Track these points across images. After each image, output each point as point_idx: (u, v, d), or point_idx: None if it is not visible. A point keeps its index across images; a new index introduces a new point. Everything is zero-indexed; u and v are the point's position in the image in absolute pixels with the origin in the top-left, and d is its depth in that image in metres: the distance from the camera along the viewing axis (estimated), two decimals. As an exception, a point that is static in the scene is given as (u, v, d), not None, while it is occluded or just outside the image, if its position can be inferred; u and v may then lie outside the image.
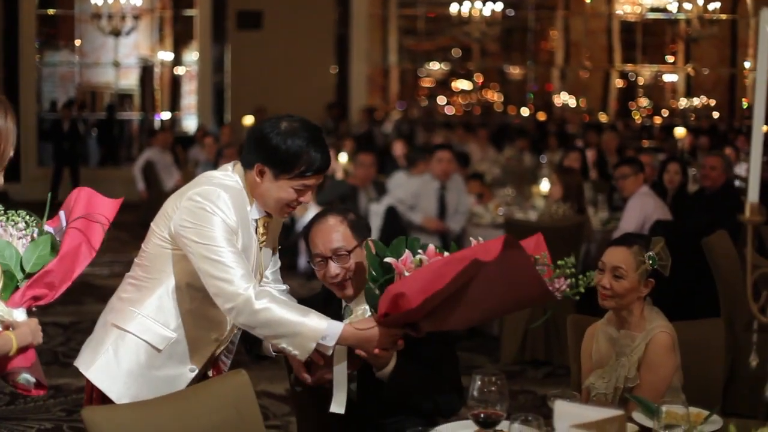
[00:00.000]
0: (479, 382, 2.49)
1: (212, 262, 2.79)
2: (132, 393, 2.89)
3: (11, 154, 2.76)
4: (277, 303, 2.79)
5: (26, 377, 2.59)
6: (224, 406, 2.64)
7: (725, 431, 2.58)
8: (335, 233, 3.05)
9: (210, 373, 3.13)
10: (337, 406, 2.92)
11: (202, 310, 2.96)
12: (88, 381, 3.01)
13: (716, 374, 3.47)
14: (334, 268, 3.03)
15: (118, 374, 2.93)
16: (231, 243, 2.83)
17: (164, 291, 2.95)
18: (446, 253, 2.81)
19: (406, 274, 2.77)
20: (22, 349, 2.56)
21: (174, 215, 2.90)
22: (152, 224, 3.01)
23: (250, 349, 3.14)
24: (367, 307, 2.96)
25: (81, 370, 2.99)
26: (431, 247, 2.86)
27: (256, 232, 3.00)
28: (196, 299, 2.94)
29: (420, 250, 2.83)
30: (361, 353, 2.84)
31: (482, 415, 2.48)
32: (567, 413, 2.11)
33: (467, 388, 2.51)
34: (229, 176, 2.97)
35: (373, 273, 2.89)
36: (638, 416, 2.75)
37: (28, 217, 2.77)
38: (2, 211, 2.77)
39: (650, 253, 3.16)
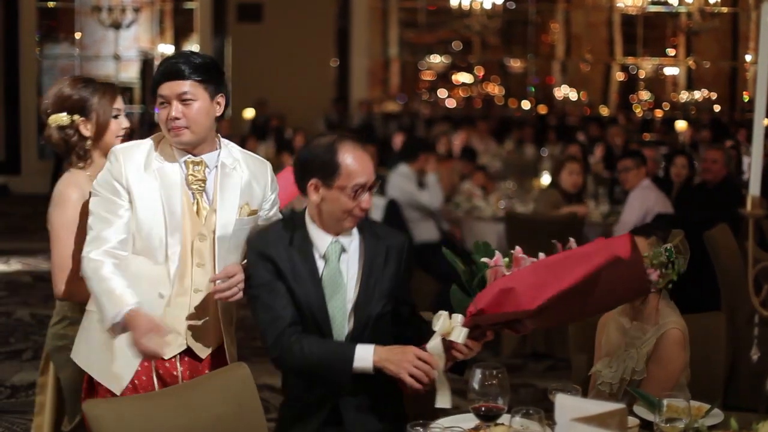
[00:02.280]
0: (480, 376, 2.49)
1: None
2: (105, 366, 2.96)
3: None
4: (112, 263, 2.84)
5: None
6: (226, 399, 2.64)
7: (726, 425, 2.58)
8: None
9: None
10: (443, 401, 2.85)
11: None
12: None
13: (717, 368, 3.47)
14: (369, 199, 2.94)
15: (91, 349, 3.00)
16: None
17: None
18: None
19: (505, 272, 2.70)
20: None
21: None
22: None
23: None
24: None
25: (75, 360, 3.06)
26: (518, 248, 2.77)
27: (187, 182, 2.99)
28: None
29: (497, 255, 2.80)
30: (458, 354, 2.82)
31: (483, 409, 2.48)
32: (568, 407, 2.11)
33: (468, 382, 2.51)
34: None
35: (463, 275, 2.82)
36: (639, 410, 2.75)
37: None
38: None
39: (667, 245, 3.15)
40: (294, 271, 2.89)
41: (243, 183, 3.06)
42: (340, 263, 2.94)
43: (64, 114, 3.08)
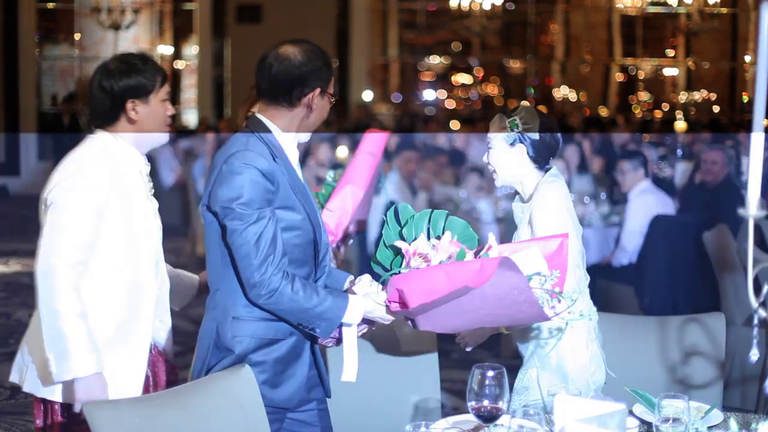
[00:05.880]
0: (479, 377, 2.48)
1: None
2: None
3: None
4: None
5: None
6: (227, 399, 2.63)
7: (725, 426, 2.59)
8: None
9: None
10: (349, 375, 2.85)
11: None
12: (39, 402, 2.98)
13: (717, 368, 3.47)
14: None
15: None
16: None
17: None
18: (457, 250, 2.77)
19: (413, 265, 2.74)
20: None
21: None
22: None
23: None
24: None
25: (42, 395, 2.93)
26: (446, 235, 2.80)
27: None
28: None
29: (436, 239, 2.79)
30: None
31: (483, 410, 2.48)
32: (568, 407, 2.11)
33: (468, 383, 2.51)
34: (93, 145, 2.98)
35: (385, 247, 2.84)
36: (639, 410, 2.75)
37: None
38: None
39: (510, 118, 3.20)
40: (293, 186, 2.78)
41: None
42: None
43: None
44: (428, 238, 2.79)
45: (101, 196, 2.84)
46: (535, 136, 3.23)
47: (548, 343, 3.18)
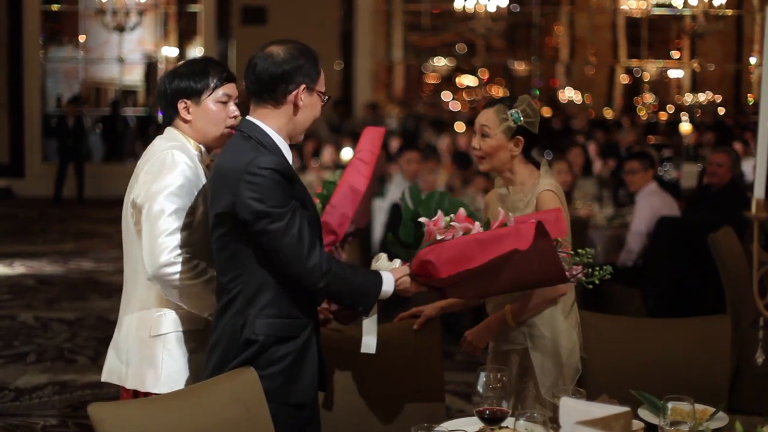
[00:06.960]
0: (485, 379, 2.48)
1: None
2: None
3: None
4: None
5: None
6: (232, 402, 2.63)
7: (731, 428, 2.58)
8: None
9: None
10: (368, 346, 2.89)
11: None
12: (124, 390, 3.08)
13: (722, 371, 3.46)
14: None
15: (185, 369, 3.00)
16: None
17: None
18: (477, 224, 2.85)
19: (438, 237, 2.81)
20: None
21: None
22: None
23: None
24: None
25: (147, 389, 2.99)
26: (462, 210, 2.88)
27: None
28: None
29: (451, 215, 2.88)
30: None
31: (487, 412, 2.48)
32: (573, 410, 2.11)
33: (472, 385, 2.51)
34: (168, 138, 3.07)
35: (405, 227, 2.91)
36: (644, 413, 2.75)
37: None
38: None
39: (512, 110, 3.22)
40: (302, 187, 2.80)
41: None
42: None
43: None
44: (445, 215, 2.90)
45: (192, 192, 2.95)
46: (535, 130, 3.25)
47: (543, 322, 3.25)
